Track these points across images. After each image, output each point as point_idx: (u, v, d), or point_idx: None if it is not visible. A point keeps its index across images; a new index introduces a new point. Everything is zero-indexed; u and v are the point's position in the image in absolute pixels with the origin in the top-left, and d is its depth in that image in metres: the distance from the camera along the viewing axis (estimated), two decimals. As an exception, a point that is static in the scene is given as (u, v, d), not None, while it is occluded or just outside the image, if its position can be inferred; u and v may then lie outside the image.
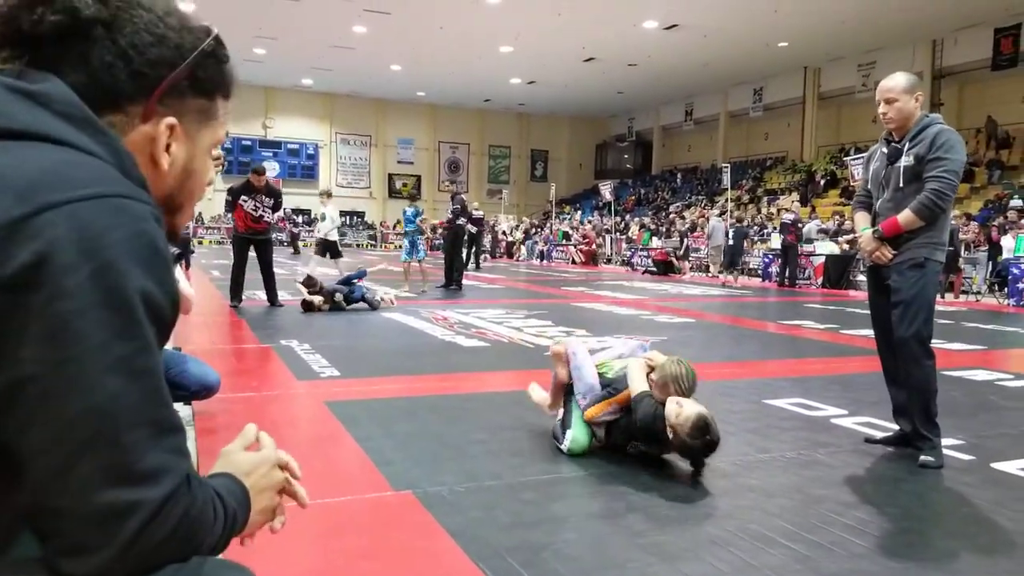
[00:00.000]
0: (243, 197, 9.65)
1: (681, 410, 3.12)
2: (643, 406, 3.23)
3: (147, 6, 0.92)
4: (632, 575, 2.30)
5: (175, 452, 0.82)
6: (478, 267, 21.16)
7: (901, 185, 3.63)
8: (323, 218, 13.26)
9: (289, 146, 38.36)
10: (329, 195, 13.37)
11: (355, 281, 9.97)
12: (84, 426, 0.76)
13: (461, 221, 13.94)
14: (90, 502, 0.76)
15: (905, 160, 3.62)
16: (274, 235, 9.72)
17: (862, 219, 3.87)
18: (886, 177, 3.73)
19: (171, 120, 0.93)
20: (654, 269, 21.61)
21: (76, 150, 0.83)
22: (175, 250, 3.73)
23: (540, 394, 4.05)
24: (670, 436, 3.15)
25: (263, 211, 9.69)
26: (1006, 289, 13.65)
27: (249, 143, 37.42)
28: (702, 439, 3.09)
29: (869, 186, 3.89)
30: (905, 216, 3.56)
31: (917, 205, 3.52)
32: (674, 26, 24.49)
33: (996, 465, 3.53)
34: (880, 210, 3.75)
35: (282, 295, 10.68)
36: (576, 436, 3.50)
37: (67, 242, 0.76)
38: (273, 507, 1.06)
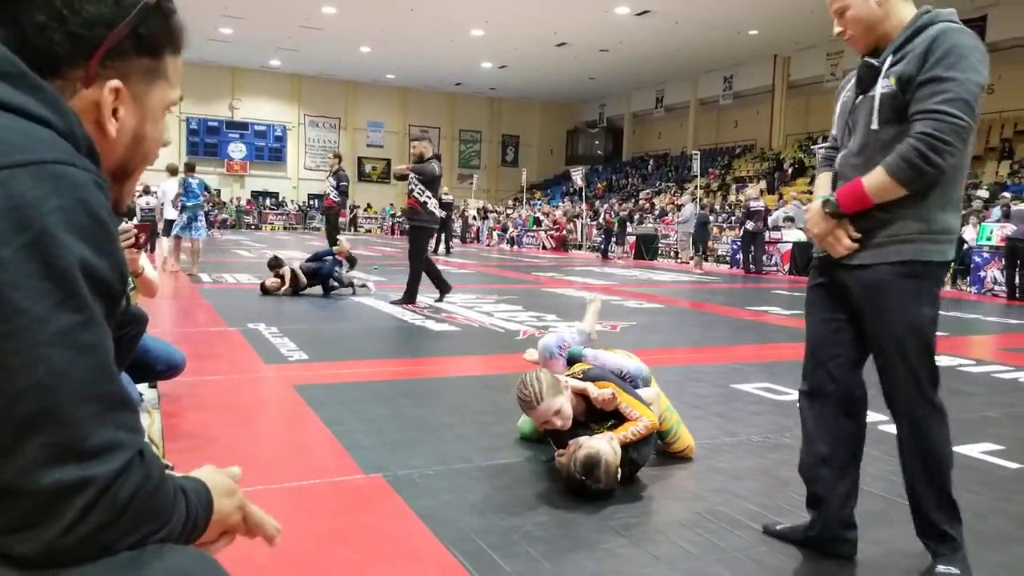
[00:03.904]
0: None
1: (585, 442, 2.82)
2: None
3: None
4: (603, 556, 2.31)
5: (126, 428, 0.78)
6: (448, 252, 21.09)
7: (875, 127, 2.17)
8: (162, 194, 12.73)
9: (256, 128, 37.87)
10: (174, 171, 12.62)
11: (325, 258, 9.50)
12: (28, 402, 0.72)
13: (340, 200, 12.95)
14: (37, 480, 0.73)
15: (883, 85, 2.15)
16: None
17: (823, 183, 2.40)
18: (854, 115, 2.27)
19: (115, 83, 0.87)
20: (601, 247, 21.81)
21: (12, 113, 0.77)
22: (140, 236, 3.66)
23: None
24: (564, 451, 2.88)
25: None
26: (968, 277, 13.91)
27: (216, 124, 36.91)
28: (579, 480, 2.74)
29: (835, 131, 2.41)
30: (874, 179, 2.11)
31: (896, 161, 2.06)
32: (646, 12, 24.51)
33: (957, 449, 3.58)
34: (841, 168, 2.30)
35: (248, 278, 10.56)
36: (520, 423, 3.52)
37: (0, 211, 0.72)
38: (219, 535, 0.99)
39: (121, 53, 0.87)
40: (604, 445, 2.78)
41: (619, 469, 2.79)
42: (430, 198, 8.39)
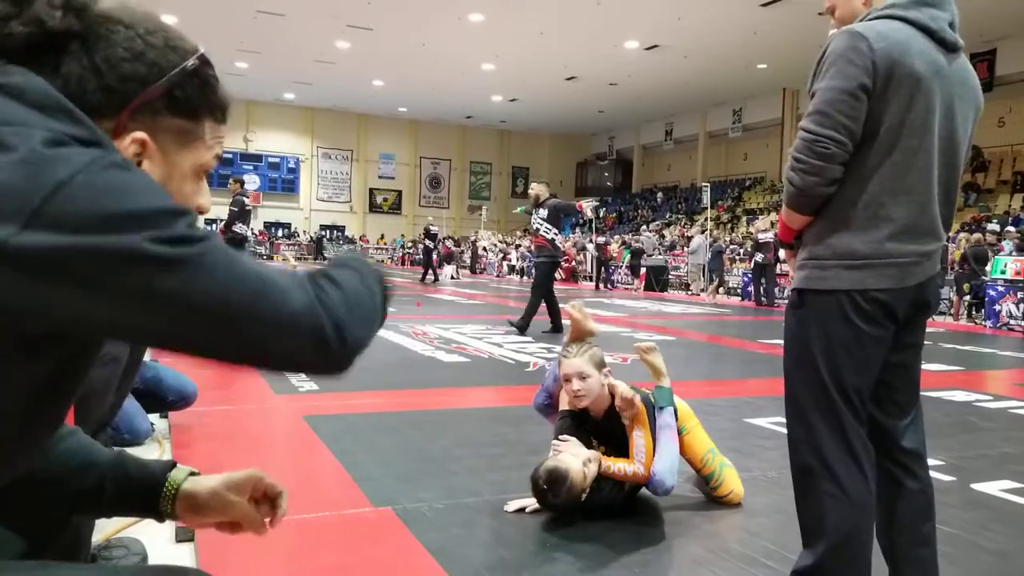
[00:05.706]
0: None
1: (561, 454, 2.79)
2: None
3: (127, 23, 0.92)
4: (615, 595, 2.27)
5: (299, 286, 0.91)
6: (436, 280, 21.18)
7: None
8: None
9: (270, 159, 38.23)
10: None
11: None
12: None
13: (238, 228, 11.69)
14: (291, 320, 0.88)
15: None
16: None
17: None
18: None
19: (139, 135, 0.92)
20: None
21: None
22: None
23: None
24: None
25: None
26: (983, 311, 13.80)
27: (230, 156, 37.22)
28: (540, 488, 2.72)
29: None
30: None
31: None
32: (655, 46, 24.73)
33: (976, 486, 3.53)
34: None
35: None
36: None
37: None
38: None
39: (153, 111, 0.92)
40: (576, 465, 2.72)
41: (583, 492, 2.74)
42: (557, 234, 9.33)
